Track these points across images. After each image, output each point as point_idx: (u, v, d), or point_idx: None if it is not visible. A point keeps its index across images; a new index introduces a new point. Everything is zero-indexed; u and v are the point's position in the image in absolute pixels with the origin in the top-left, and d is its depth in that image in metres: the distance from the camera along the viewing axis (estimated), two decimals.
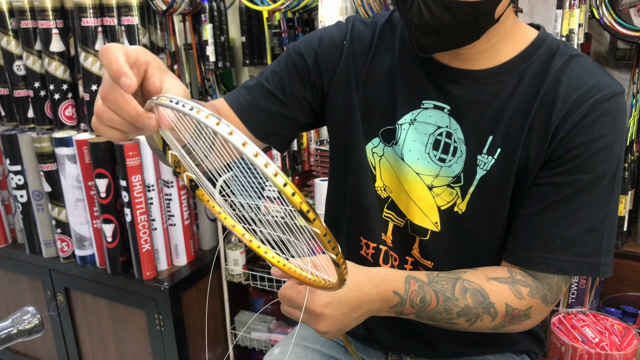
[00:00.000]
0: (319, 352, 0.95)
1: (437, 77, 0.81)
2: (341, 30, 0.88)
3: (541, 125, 0.75)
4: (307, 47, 0.88)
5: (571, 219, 0.75)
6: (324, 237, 0.48)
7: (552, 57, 0.77)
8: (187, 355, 1.72)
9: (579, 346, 1.16)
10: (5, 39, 1.71)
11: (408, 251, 0.88)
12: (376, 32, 0.87)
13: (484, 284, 0.76)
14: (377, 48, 0.86)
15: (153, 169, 1.61)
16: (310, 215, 0.46)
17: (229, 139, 0.45)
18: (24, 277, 1.97)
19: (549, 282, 0.78)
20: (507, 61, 0.78)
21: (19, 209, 1.85)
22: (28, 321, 0.63)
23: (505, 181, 0.78)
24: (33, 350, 2.10)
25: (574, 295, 1.29)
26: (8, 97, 1.81)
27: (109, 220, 1.65)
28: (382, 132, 0.86)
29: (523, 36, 0.79)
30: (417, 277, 0.75)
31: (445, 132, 0.81)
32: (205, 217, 1.81)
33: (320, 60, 0.87)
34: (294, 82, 0.88)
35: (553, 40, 0.79)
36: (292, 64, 0.88)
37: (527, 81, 0.77)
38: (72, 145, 1.66)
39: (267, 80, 0.88)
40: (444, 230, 0.84)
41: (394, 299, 0.73)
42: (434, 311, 0.75)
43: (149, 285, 1.64)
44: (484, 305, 0.75)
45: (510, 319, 0.77)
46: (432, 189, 0.83)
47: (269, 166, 0.44)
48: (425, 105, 0.82)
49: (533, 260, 0.77)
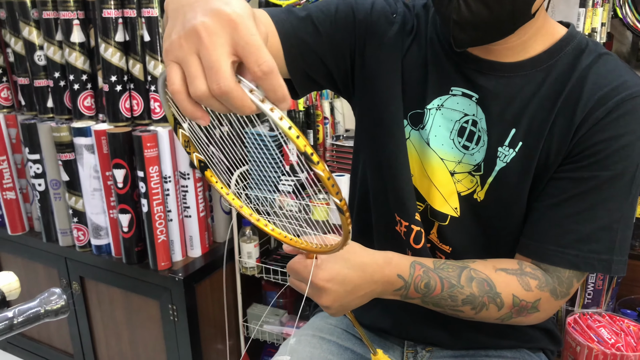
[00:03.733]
0: (335, 343, 0.95)
1: (464, 67, 0.81)
2: (390, 5, 0.87)
3: (564, 121, 0.75)
4: (362, 4, 0.85)
5: (586, 215, 0.75)
6: (328, 181, 0.49)
7: (581, 54, 0.77)
8: (199, 346, 1.73)
9: (595, 346, 1.15)
10: (27, 29, 1.73)
11: (426, 236, 0.88)
12: (414, 15, 0.87)
13: (491, 274, 0.77)
14: (416, 31, 0.85)
15: (170, 160, 1.62)
16: (314, 158, 0.47)
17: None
18: (40, 264, 2.00)
19: (559, 276, 0.78)
20: (535, 56, 0.78)
21: (37, 197, 1.87)
22: (55, 302, 0.64)
23: (524, 175, 0.79)
24: (48, 338, 2.13)
25: (590, 295, 1.28)
26: (28, 86, 1.83)
27: (125, 210, 1.67)
28: (410, 115, 0.86)
29: (552, 33, 0.79)
30: (423, 262, 0.76)
31: (471, 120, 0.81)
32: (220, 210, 1.83)
33: (369, 23, 0.85)
34: (339, 28, 0.84)
35: (582, 38, 0.79)
36: (342, 12, 0.85)
37: (554, 77, 0.77)
38: (90, 135, 1.68)
39: (317, 18, 0.84)
40: (463, 216, 0.84)
41: (398, 282, 0.74)
42: (439, 297, 0.75)
43: (163, 275, 1.66)
44: (490, 294, 0.76)
45: (518, 310, 0.77)
46: (454, 174, 0.83)
47: (275, 110, 0.46)
48: (454, 91, 0.82)
49: (545, 253, 0.78)
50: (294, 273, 0.72)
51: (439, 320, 0.90)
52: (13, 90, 1.93)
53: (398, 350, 0.97)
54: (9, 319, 0.61)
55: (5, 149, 1.91)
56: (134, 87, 1.64)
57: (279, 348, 0.96)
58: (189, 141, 0.69)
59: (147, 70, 1.61)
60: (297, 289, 0.73)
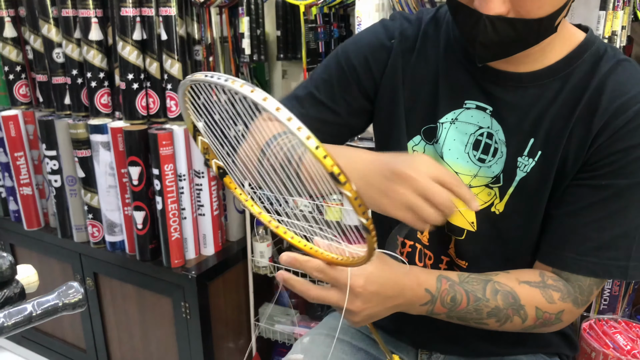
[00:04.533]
0: (348, 344, 0.95)
1: (480, 79, 0.80)
2: (387, 29, 0.88)
3: (582, 129, 0.75)
4: (356, 52, 0.88)
5: (605, 223, 0.75)
6: (355, 201, 0.48)
7: (599, 61, 0.76)
8: (211, 343, 1.73)
9: (610, 353, 1.14)
10: (46, 27, 1.75)
11: (444, 251, 0.88)
12: (421, 29, 0.86)
13: (515, 286, 0.76)
14: (421, 46, 0.86)
15: (185, 158, 1.63)
16: (342, 178, 0.47)
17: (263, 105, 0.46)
18: (54, 260, 2.01)
19: (580, 285, 0.77)
20: (552, 64, 0.77)
21: (53, 193, 1.89)
22: (73, 295, 0.64)
23: (544, 183, 0.78)
24: (61, 333, 2.15)
25: (605, 301, 1.27)
26: (46, 83, 1.85)
27: (140, 207, 1.68)
28: (424, 130, 0.85)
29: (570, 38, 0.78)
30: (449, 276, 0.75)
31: (486, 133, 0.81)
32: (233, 209, 1.83)
33: (371, 64, 0.87)
34: (345, 89, 0.88)
35: (600, 44, 0.78)
36: (341, 70, 0.88)
37: (571, 85, 0.76)
38: (106, 132, 1.69)
39: (318, 89, 0.89)
40: (480, 230, 0.83)
41: (425, 297, 0.73)
42: (465, 311, 0.75)
43: (176, 273, 1.66)
44: (514, 307, 0.75)
45: (542, 322, 0.77)
46: (470, 188, 0.82)
47: (302, 129, 0.46)
48: (468, 105, 0.82)
49: (565, 261, 0.77)
50: (326, 276, 0.67)
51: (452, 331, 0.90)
52: (31, 87, 1.95)
53: (412, 352, 0.97)
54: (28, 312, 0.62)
55: (23, 145, 1.94)
56: (150, 85, 1.65)
57: (292, 346, 0.96)
58: (208, 148, 0.69)
59: (163, 68, 1.62)
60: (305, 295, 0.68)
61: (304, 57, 1.57)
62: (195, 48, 1.70)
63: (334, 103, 0.88)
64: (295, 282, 0.68)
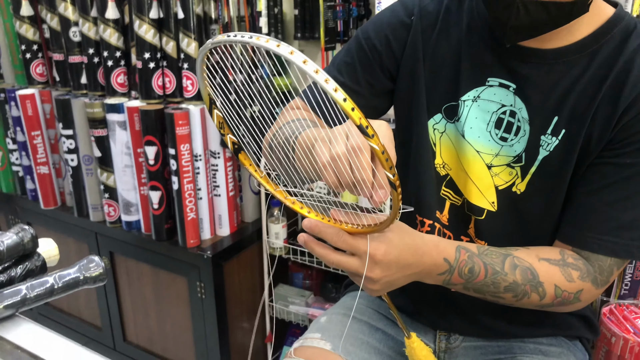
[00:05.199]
0: (366, 323, 0.94)
1: (504, 56, 0.79)
2: (407, 6, 0.87)
3: (608, 107, 0.73)
4: (376, 32, 0.87)
5: (627, 203, 0.74)
6: (382, 155, 0.49)
7: (628, 38, 0.74)
8: (226, 323, 1.74)
9: (631, 337, 1.13)
10: (63, 5, 1.74)
11: (464, 230, 0.87)
12: (443, 5, 0.85)
13: (534, 262, 0.75)
14: (443, 23, 0.84)
15: (201, 138, 1.63)
16: (370, 131, 0.47)
17: (290, 58, 0.47)
18: (71, 239, 2.03)
19: (601, 265, 0.76)
20: (579, 40, 0.75)
21: (69, 172, 1.90)
22: (94, 269, 0.64)
23: (567, 162, 0.77)
24: (77, 310, 2.18)
25: (627, 287, 1.25)
26: (63, 62, 1.85)
27: (156, 187, 1.68)
28: (445, 108, 0.84)
29: (599, 13, 0.76)
30: (468, 247, 0.74)
31: (509, 111, 0.79)
32: (249, 190, 1.83)
33: (392, 43, 0.86)
34: (367, 70, 0.88)
35: (630, 19, 0.76)
36: (362, 51, 0.88)
37: (598, 62, 0.75)
38: (123, 111, 1.69)
39: (340, 72, 0.89)
40: (501, 210, 0.83)
41: (444, 266, 0.72)
42: (482, 283, 0.74)
43: (192, 253, 1.67)
44: (532, 283, 0.74)
45: (560, 301, 0.76)
46: (491, 168, 0.81)
47: (330, 82, 0.47)
48: (491, 82, 0.80)
49: (585, 240, 0.76)
50: (342, 241, 0.64)
51: (471, 313, 0.89)
52: (48, 66, 1.95)
53: (430, 333, 0.96)
54: (50, 284, 0.62)
55: (40, 124, 1.94)
56: (166, 65, 1.64)
57: (310, 326, 0.96)
58: (224, 122, 0.68)
59: (180, 47, 1.61)
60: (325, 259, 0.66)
61: (322, 36, 1.55)
62: (212, 27, 1.68)
63: (357, 85, 0.88)
64: (316, 245, 0.66)
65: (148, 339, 1.97)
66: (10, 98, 1.95)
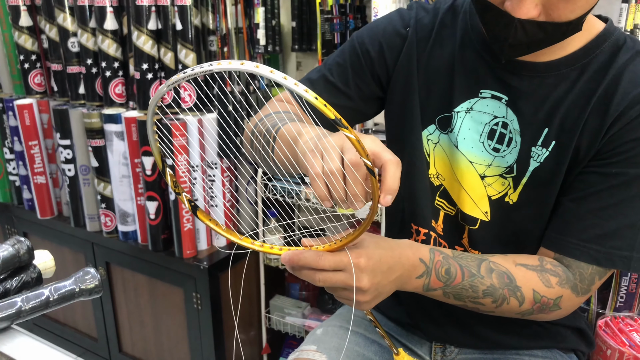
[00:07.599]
0: (362, 336, 0.94)
1: (497, 68, 0.80)
2: (404, 17, 0.88)
3: (597, 118, 0.74)
4: (371, 37, 0.88)
5: (611, 211, 0.74)
6: (358, 144, 0.52)
7: (618, 52, 0.76)
8: (222, 334, 1.74)
9: (626, 350, 1.13)
10: (62, 16, 1.75)
11: (458, 240, 0.88)
12: (437, 18, 0.86)
13: (511, 267, 0.76)
14: (437, 35, 0.86)
15: (198, 149, 1.63)
16: (345, 122, 0.51)
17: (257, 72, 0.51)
18: (67, 249, 2.03)
19: (582, 273, 0.77)
20: (570, 54, 0.77)
21: (66, 182, 1.90)
22: (89, 281, 0.64)
23: (557, 173, 0.78)
24: (73, 321, 2.16)
25: (622, 299, 1.25)
26: (61, 72, 1.85)
27: (153, 197, 1.68)
28: (438, 119, 0.85)
29: (589, 29, 0.77)
30: (442, 250, 0.75)
31: (501, 122, 0.80)
32: (245, 201, 1.83)
33: (385, 51, 0.88)
34: (358, 74, 0.89)
35: (620, 34, 0.77)
36: (355, 55, 0.89)
37: (588, 75, 0.76)
38: (120, 122, 1.69)
39: (331, 72, 0.90)
40: (494, 220, 0.83)
41: (420, 267, 0.71)
42: (460, 287, 0.73)
43: (188, 263, 1.67)
44: (510, 287, 0.74)
45: (540, 307, 0.76)
46: (484, 178, 0.82)
47: (299, 85, 0.50)
48: (483, 94, 0.81)
49: (568, 246, 0.77)
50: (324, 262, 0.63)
51: (466, 324, 0.89)
52: (46, 76, 1.96)
53: (426, 345, 0.96)
54: (46, 297, 0.62)
55: (37, 133, 1.94)
56: (164, 76, 1.65)
57: (305, 338, 0.96)
58: (177, 181, 0.70)
59: (178, 58, 1.62)
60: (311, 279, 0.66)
61: (319, 48, 1.56)
62: (210, 38, 1.69)
63: (346, 87, 0.89)
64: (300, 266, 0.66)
65: (144, 349, 1.96)
66: (8, 108, 1.96)
